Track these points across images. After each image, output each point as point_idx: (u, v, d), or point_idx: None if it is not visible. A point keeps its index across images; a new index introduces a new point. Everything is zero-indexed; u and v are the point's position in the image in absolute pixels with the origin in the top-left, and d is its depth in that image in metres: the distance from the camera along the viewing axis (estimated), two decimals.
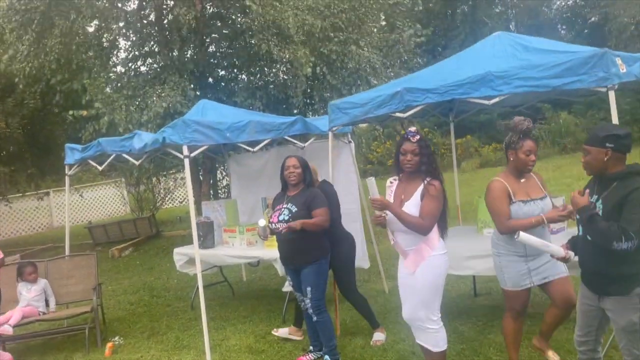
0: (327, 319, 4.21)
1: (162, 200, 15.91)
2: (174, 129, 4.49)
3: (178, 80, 9.16)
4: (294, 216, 4.08)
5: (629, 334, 2.66)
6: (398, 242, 3.55)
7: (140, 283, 8.36)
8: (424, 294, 3.47)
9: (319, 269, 4.16)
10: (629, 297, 2.63)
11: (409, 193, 3.50)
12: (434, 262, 3.45)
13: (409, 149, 3.43)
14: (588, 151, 2.70)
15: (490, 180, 3.49)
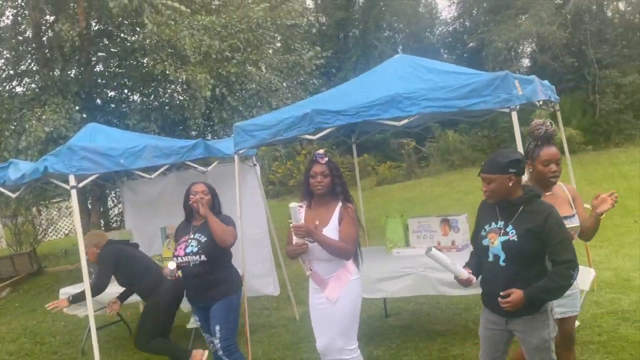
0: (240, 359, 3.89)
1: (44, 232, 14.46)
2: (58, 157, 4.00)
3: (61, 101, 8.38)
4: (203, 247, 3.75)
5: (542, 352, 2.68)
6: (317, 271, 3.40)
7: (21, 328, 7.41)
8: (342, 323, 3.37)
9: (229, 304, 3.81)
10: (540, 314, 2.67)
11: (324, 218, 3.40)
12: (352, 288, 3.40)
13: (319, 171, 3.38)
14: (492, 179, 2.69)
15: None
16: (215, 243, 3.73)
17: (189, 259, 3.76)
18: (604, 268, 6.02)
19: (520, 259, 2.66)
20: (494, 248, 2.72)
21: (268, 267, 6.09)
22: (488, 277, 2.80)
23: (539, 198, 2.72)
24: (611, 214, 8.70)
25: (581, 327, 4.48)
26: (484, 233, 2.80)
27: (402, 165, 20.13)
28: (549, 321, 2.69)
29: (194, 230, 3.86)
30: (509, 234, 2.68)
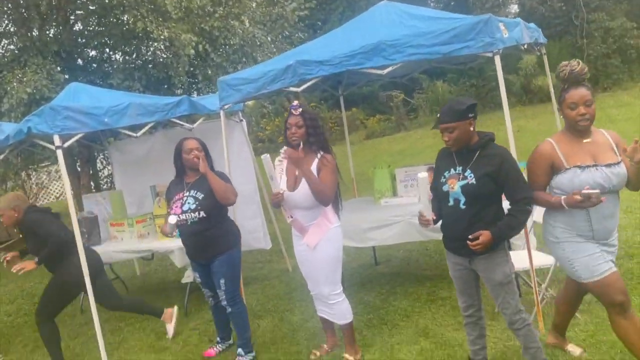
0: (243, 309, 3.94)
1: (35, 196, 14.44)
2: (41, 117, 3.94)
3: (41, 62, 8.19)
4: (202, 203, 3.71)
5: (505, 286, 2.81)
6: (297, 219, 3.54)
7: (18, 290, 7.52)
8: (325, 269, 3.54)
9: (231, 258, 3.83)
10: (497, 252, 2.80)
11: (305, 168, 3.45)
12: (332, 235, 3.53)
13: (293, 122, 3.47)
14: (454, 127, 2.75)
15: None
16: (213, 199, 3.72)
17: (187, 216, 3.72)
18: None
19: (479, 200, 2.78)
20: (454, 192, 2.82)
21: (259, 222, 6.17)
22: (449, 221, 2.91)
23: (493, 142, 2.84)
24: None
25: None
26: (443, 180, 2.89)
27: (391, 118, 20.06)
28: (508, 257, 2.85)
29: (188, 187, 3.81)
30: (467, 178, 2.78)
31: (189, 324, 4.89)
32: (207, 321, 4.80)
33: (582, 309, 3.76)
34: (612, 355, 3.10)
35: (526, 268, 3.64)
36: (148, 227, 5.47)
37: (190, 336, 4.60)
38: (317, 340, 4.02)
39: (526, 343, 2.79)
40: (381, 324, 4.14)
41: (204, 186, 3.78)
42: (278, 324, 4.54)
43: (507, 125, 3.69)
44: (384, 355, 3.62)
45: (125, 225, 5.45)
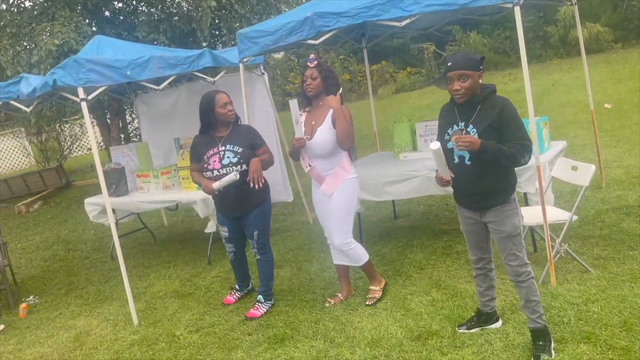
0: (271, 258, 4.07)
1: (69, 148, 14.88)
2: (65, 70, 4.03)
3: (69, 15, 8.27)
4: (243, 156, 3.75)
5: (514, 238, 2.82)
6: (315, 167, 3.69)
7: (54, 237, 7.90)
8: (337, 216, 3.70)
9: (264, 210, 3.94)
10: (508, 204, 2.81)
11: (319, 119, 3.64)
12: (348, 185, 3.68)
13: (309, 75, 3.62)
14: (468, 76, 2.70)
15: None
16: (251, 151, 3.80)
17: (228, 170, 3.74)
18: (616, 166, 6.01)
19: (484, 154, 2.73)
20: (458, 150, 2.81)
21: (279, 175, 6.25)
22: (457, 177, 2.90)
23: (495, 93, 2.79)
24: (631, 113, 8.58)
25: (583, 222, 4.59)
26: (447, 137, 2.87)
27: (422, 71, 19.64)
28: (517, 209, 2.84)
29: (223, 142, 3.81)
30: (470, 133, 2.75)
31: (211, 272, 5.08)
32: (228, 270, 4.98)
33: (596, 264, 3.77)
34: (622, 310, 3.11)
35: (541, 223, 3.63)
36: (172, 178, 5.62)
37: (212, 283, 4.79)
38: (332, 289, 4.15)
39: (527, 296, 2.83)
40: (395, 275, 4.23)
41: (239, 139, 3.82)
42: (296, 273, 4.68)
43: (525, 80, 3.60)
44: (396, 305, 3.71)
45: (151, 177, 5.61)
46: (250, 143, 3.85)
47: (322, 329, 3.56)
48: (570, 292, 3.42)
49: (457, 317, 3.37)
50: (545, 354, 2.79)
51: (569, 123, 8.62)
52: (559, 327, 3.05)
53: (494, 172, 2.77)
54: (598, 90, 10.20)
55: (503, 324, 3.21)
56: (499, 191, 2.80)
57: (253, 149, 3.85)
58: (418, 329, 3.32)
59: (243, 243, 4.19)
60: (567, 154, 5.73)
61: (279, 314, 3.92)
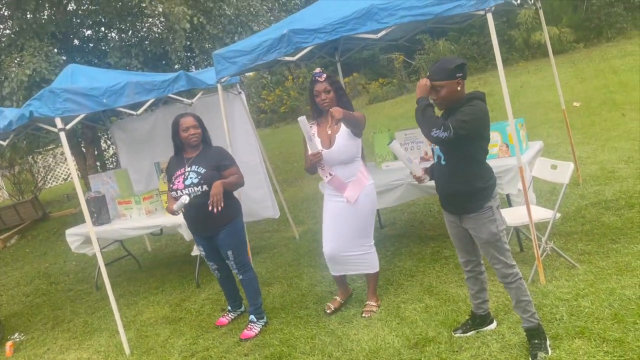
0: (253, 276, 4.05)
1: (43, 179, 14.60)
2: (41, 101, 3.99)
3: (38, 45, 8.17)
4: (204, 177, 3.76)
5: (493, 244, 2.87)
6: (337, 175, 3.73)
7: (34, 272, 7.72)
8: (363, 222, 3.79)
9: (235, 228, 3.93)
10: (483, 211, 2.84)
11: (336, 127, 3.71)
12: (369, 191, 3.79)
13: (321, 89, 3.67)
14: (442, 86, 2.77)
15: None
16: (214, 172, 3.80)
17: (190, 190, 3.75)
18: (590, 163, 6.17)
19: (454, 154, 2.83)
20: (436, 150, 2.93)
21: (265, 192, 6.26)
22: (437, 178, 2.99)
23: (478, 100, 2.80)
24: (599, 110, 8.83)
25: (565, 219, 4.69)
26: (432, 146, 2.94)
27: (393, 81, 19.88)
28: (495, 216, 2.85)
29: (189, 163, 3.86)
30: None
31: (200, 295, 5.03)
32: (218, 291, 4.93)
33: (582, 259, 3.86)
34: (611, 302, 3.18)
35: (526, 223, 3.70)
36: (155, 203, 5.56)
37: (203, 306, 4.74)
38: (325, 304, 4.14)
39: (518, 297, 2.87)
40: (387, 285, 4.25)
41: (204, 160, 3.85)
42: (287, 289, 4.66)
43: (502, 84, 3.69)
44: (390, 314, 3.73)
45: (133, 203, 5.55)
46: (216, 164, 3.86)
47: (318, 344, 3.55)
48: (560, 289, 3.49)
49: (452, 322, 3.40)
50: (542, 351, 2.83)
51: (541, 123, 8.82)
52: (553, 324, 3.10)
53: (467, 173, 2.82)
54: (566, 90, 10.44)
55: (498, 325, 3.25)
56: (473, 194, 2.83)
57: (219, 170, 3.85)
58: (414, 337, 3.33)
59: (224, 260, 4.14)
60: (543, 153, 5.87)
61: (273, 332, 3.89)
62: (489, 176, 2.88)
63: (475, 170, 2.83)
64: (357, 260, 3.87)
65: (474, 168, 2.83)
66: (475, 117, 2.72)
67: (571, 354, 2.79)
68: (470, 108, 2.74)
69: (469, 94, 2.85)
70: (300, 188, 8.80)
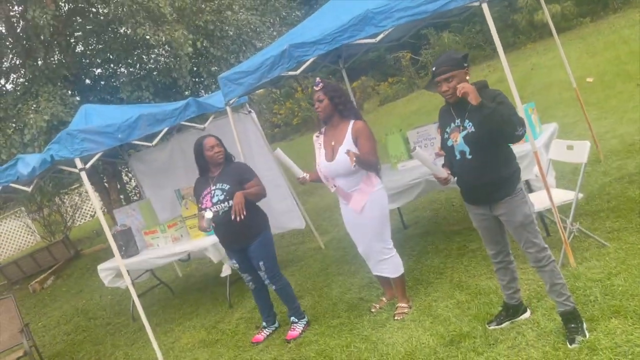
0: (285, 283, 4.17)
1: (71, 218, 14.93)
2: (60, 144, 4.13)
3: (52, 89, 8.44)
4: (230, 193, 3.90)
5: (527, 226, 2.85)
6: (340, 186, 3.75)
7: (73, 310, 7.89)
8: (374, 229, 3.77)
9: (265, 240, 4.04)
10: (516, 194, 2.84)
11: (338, 138, 3.71)
12: (376, 197, 3.74)
13: (315, 98, 3.72)
14: (452, 76, 2.78)
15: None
16: (239, 187, 3.94)
17: (217, 207, 3.91)
18: (610, 137, 6.07)
19: (483, 147, 2.81)
20: (458, 145, 2.88)
21: (289, 203, 6.32)
22: (461, 174, 2.97)
23: (487, 88, 2.83)
24: (613, 82, 8.68)
25: (590, 198, 4.63)
26: (446, 136, 2.95)
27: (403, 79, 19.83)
28: (526, 198, 2.87)
29: (214, 181, 4.00)
30: (467, 128, 2.83)
31: (234, 314, 5.09)
32: (251, 309, 4.99)
33: (611, 237, 3.80)
34: None
35: (549, 207, 3.67)
36: (180, 229, 5.65)
37: (237, 326, 4.79)
38: (357, 310, 4.15)
39: (552, 280, 2.85)
40: (416, 285, 4.24)
41: (228, 177, 3.99)
42: (318, 300, 4.68)
43: (505, 71, 3.68)
44: (423, 313, 3.72)
45: (159, 232, 5.65)
46: (239, 179, 4.00)
47: (354, 352, 3.56)
48: (591, 270, 3.44)
49: (485, 315, 3.38)
50: (579, 335, 2.79)
51: (556, 103, 8.71)
52: (587, 306, 3.06)
53: (495, 162, 2.81)
54: (577, 66, 10.33)
55: (532, 314, 3.22)
56: (504, 181, 2.83)
57: (242, 184, 3.99)
58: (449, 334, 3.32)
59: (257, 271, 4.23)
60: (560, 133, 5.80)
61: (309, 344, 3.91)
62: (514, 160, 2.90)
63: (503, 157, 2.84)
64: (381, 265, 3.88)
65: (502, 155, 2.84)
66: (510, 102, 2.75)
67: (609, 335, 2.75)
68: (498, 96, 2.74)
69: (477, 83, 2.85)
70: (321, 197, 8.83)
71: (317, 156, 3.84)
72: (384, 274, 3.92)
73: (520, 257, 3.67)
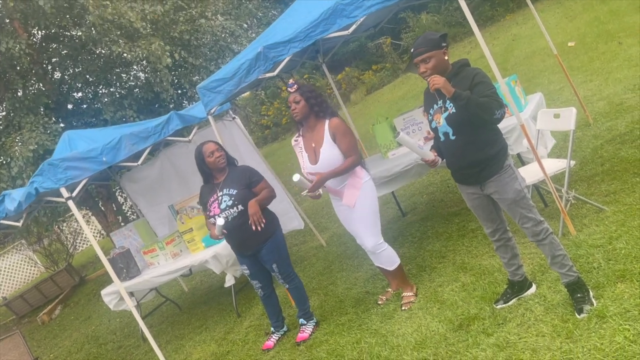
0: (299, 283, 4.14)
1: (72, 245, 14.85)
2: (43, 175, 4.07)
3: (34, 119, 8.37)
4: (237, 198, 3.84)
5: (520, 202, 2.81)
6: (329, 185, 3.72)
7: (83, 337, 7.84)
8: (365, 222, 3.75)
9: (276, 242, 3.99)
10: (504, 171, 2.80)
11: (318, 139, 3.68)
12: (366, 189, 3.71)
13: (291, 100, 3.67)
14: (430, 57, 2.75)
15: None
16: (246, 191, 3.88)
17: (226, 213, 3.84)
18: (597, 100, 6.03)
19: (465, 127, 2.77)
20: (441, 127, 2.85)
21: (286, 204, 6.28)
22: (448, 155, 2.94)
23: (467, 67, 2.79)
24: (595, 44, 8.62)
25: (584, 163, 4.59)
26: (430, 117, 2.92)
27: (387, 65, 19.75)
28: (516, 173, 2.82)
29: (220, 187, 3.94)
30: (448, 109, 2.79)
31: (243, 323, 5.05)
32: (259, 316, 4.95)
33: (608, 200, 3.76)
34: None
35: (542, 178, 3.63)
36: (179, 245, 5.61)
37: (247, 335, 4.75)
38: (363, 305, 4.12)
39: (552, 252, 2.81)
40: (420, 272, 4.21)
41: (234, 181, 3.92)
42: (325, 299, 4.65)
43: (482, 47, 3.62)
44: (429, 300, 3.68)
45: (157, 250, 5.59)
46: (246, 182, 3.93)
47: (365, 347, 3.52)
48: (592, 236, 3.40)
49: (492, 294, 3.34)
50: (586, 304, 2.76)
51: (540, 71, 8.66)
52: (591, 273, 3.03)
53: (480, 141, 2.78)
54: (557, 32, 10.28)
55: (537, 288, 3.19)
56: (490, 159, 2.80)
57: (250, 187, 3.92)
58: (457, 318, 3.28)
59: (268, 277, 4.21)
60: (548, 101, 5.77)
61: (319, 344, 3.88)
62: (500, 137, 2.85)
63: (487, 136, 2.79)
64: (377, 257, 3.86)
65: (486, 134, 2.80)
66: (489, 80, 2.71)
67: (616, 300, 2.71)
68: (481, 77, 2.71)
69: (457, 62, 2.83)
70: None
71: (301, 160, 3.81)
72: (384, 266, 3.90)
73: (519, 232, 3.64)
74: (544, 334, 2.76)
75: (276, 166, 14.25)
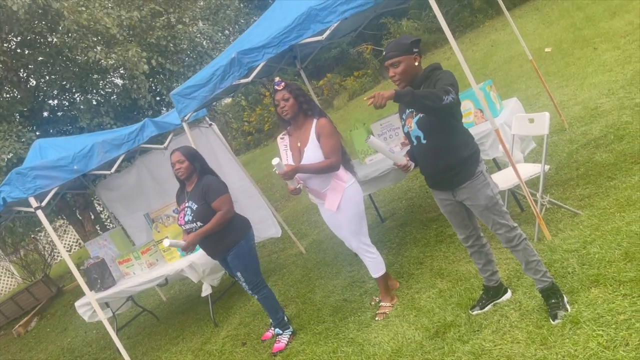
0: (267, 293, 4.07)
1: (50, 255, 14.57)
2: (11, 185, 3.95)
3: (7, 128, 8.18)
4: (196, 214, 3.84)
5: (492, 209, 2.78)
6: (312, 188, 3.69)
7: (58, 350, 7.64)
8: (351, 225, 3.70)
9: (240, 251, 3.94)
10: (476, 177, 2.77)
11: (304, 138, 3.63)
12: (350, 193, 3.65)
13: (280, 97, 3.58)
14: (399, 62, 2.73)
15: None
16: (205, 207, 3.84)
17: (189, 227, 3.90)
18: (572, 104, 6.08)
19: (436, 130, 2.74)
20: (413, 131, 2.82)
21: (263, 212, 6.22)
22: (420, 159, 2.91)
23: (439, 69, 2.77)
24: (571, 49, 8.71)
25: (559, 167, 4.61)
26: (403, 122, 2.89)
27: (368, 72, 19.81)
28: (487, 180, 2.80)
29: (188, 197, 3.95)
30: (418, 113, 2.75)
31: (220, 333, 4.95)
32: (236, 327, 4.87)
33: (582, 204, 3.77)
34: (619, 242, 3.10)
35: (517, 183, 3.62)
36: (154, 254, 5.50)
37: (224, 345, 4.66)
38: (341, 313, 4.06)
39: (526, 257, 2.79)
40: (398, 278, 4.17)
41: (196, 195, 3.89)
42: (302, 307, 4.58)
43: (456, 53, 3.61)
44: (406, 307, 3.64)
45: (133, 259, 5.49)
46: (205, 199, 3.88)
47: (342, 356, 3.47)
48: (567, 241, 3.40)
49: (468, 301, 3.32)
50: (561, 310, 2.74)
51: (517, 77, 8.73)
52: (566, 278, 3.02)
53: (451, 145, 2.75)
54: (535, 37, 10.38)
55: (513, 294, 3.17)
56: (462, 163, 2.76)
57: (208, 204, 3.88)
58: (434, 326, 3.25)
59: None
60: (525, 106, 5.79)
61: (296, 354, 3.81)
62: (472, 142, 2.83)
63: (458, 140, 2.76)
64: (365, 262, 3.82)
65: (457, 137, 2.76)
66: (454, 80, 2.67)
67: (590, 305, 2.70)
68: (442, 74, 2.69)
69: (429, 67, 2.80)
70: (299, 201, 8.73)
71: (284, 159, 3.73)
72: (369, 271, 3.86)
73: (495, 238, 3.62)
74: (518, 340, 2.74)
75: (257, 173, 14.15)
